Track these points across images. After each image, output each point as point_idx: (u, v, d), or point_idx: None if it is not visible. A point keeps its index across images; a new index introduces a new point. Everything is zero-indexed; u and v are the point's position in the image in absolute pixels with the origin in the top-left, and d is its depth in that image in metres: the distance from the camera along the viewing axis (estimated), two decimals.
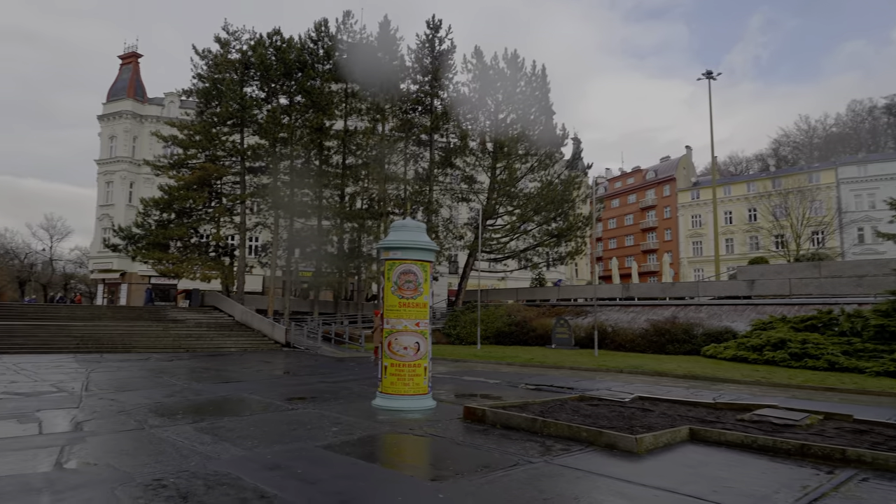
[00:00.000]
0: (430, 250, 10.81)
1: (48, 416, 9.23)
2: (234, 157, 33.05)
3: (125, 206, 48.61)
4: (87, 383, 13.33)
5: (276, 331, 27.05)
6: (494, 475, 6.06)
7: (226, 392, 12.37)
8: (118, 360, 19.85)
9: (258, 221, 35.71)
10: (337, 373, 16.78)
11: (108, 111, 50.42)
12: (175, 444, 7.39)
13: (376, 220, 34.64)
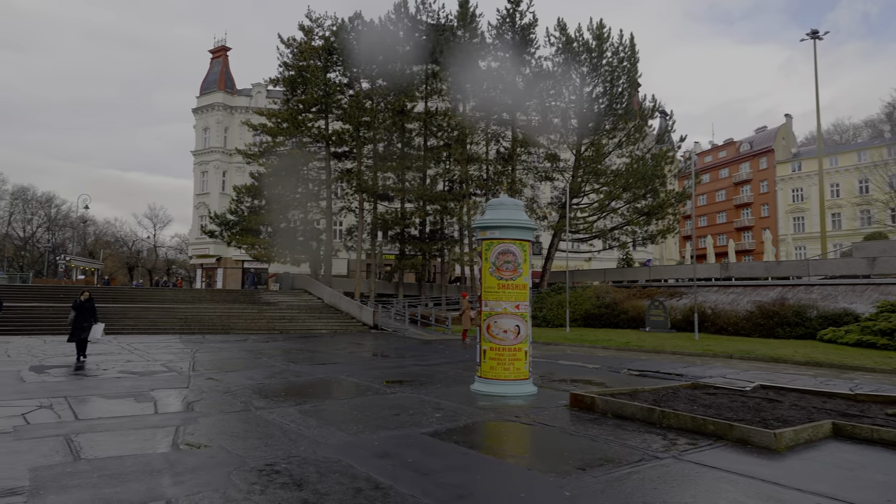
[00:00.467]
0: (529, 228, 10.27)
1: (161, 396, 9.53)
2: (318, 143, 33.66)
3: (219, 195, 50.95)
4: (194, 363, 13.85)
5: (363, 313, 27.45)
6: (620, 472, 5.53)
7: (323, 374, 12.46)
8: (219, 340, 20.71)
9: (343, 206, 36.32)
10: (428, 356, 16.65)
11: (202, 104, 52.87)
12: (282, 427, 7.35)
13: (458, 202, 34.33)
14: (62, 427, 7.18)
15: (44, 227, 77.03)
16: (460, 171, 34.37)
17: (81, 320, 13.61)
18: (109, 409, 8.48)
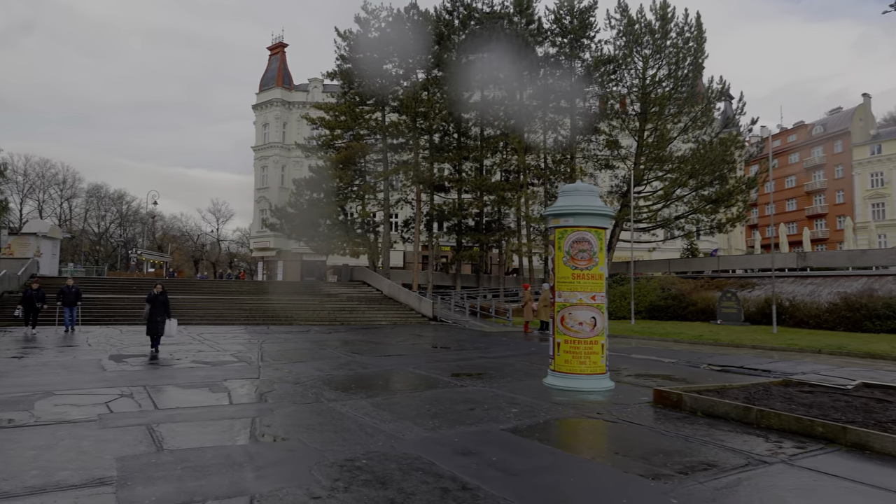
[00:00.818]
0: (606, 215, 9.75)
1: (234, 386, 9.58)
2: (375, 135, 33.75)
3: (278, 189, 52.07)
4: (262, 354, 14.01)
5: (422, 304, 27.37)
6: (727, 477, 5.05)
7: (390, 366, 12.33)
8: (283, 331, 21.02)
9: (399, 197, 36.36)
10: (492, 347, 16.33)
11: (261, 100, 54.09)
12: (356, 420, 7.19)
13: (515, 192, 33.77)
14: (143, 416, 7.24)
15: (116, 223, 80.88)
16: (518, 161, 33.76)
17: (155, 313, 13.92)
18: (186, 398, 8.55)
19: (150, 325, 13.67)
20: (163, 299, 13.92)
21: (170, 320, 13.80)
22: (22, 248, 32.67)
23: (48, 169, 73.72)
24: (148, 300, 13.89)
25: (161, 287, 14.41)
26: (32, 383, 9.48)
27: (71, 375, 10.37)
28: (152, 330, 13.65)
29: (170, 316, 13.93)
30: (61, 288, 18.42)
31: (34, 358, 12.60)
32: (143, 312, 13.85)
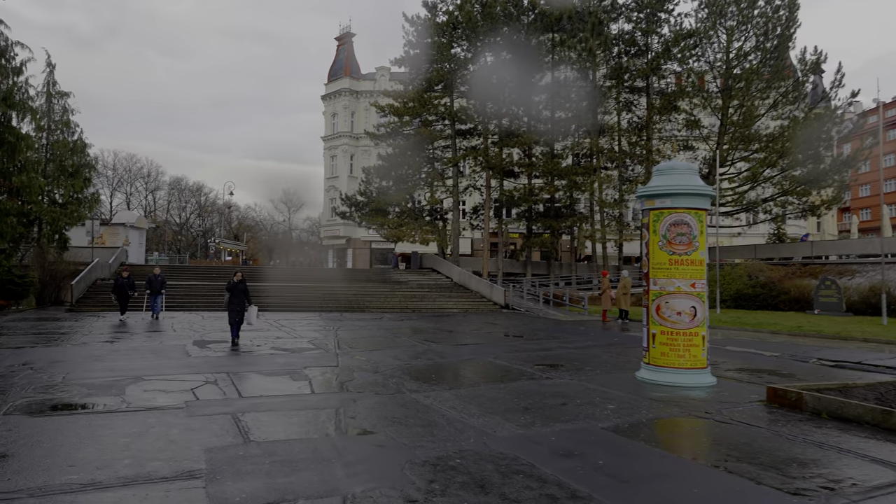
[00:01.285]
0: (706, 195, 8.92)
1: (314, 374, 9.44)
2: (444, 121, 33.35)
3: (347, 177, 52.75)
4: (338, 341, 13.95)
5: (494, 292, 26.89)
6: (887, 497, 4.31)
7: (468, 355, 11.93)
8: (356, 318, 21.09)
9: (468, 184, 35.89)
10: (572, 337, 15.65)
11: (329, 91, 54.83)
12: (442, 413, 6.82)
13: (588, 176, 32.59)
14: (228, 405, 7.15)
15: (195, 214, 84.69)
16: (590, 144, 32.53)
17: (235, 301, 14.01)
18: (268, 386, 8.46)
19: (231, 313, 13.52)
20: (242, 287, 13.67)
21: (250, 307, 13.46)
22: (112, 238, 34.53)
23: (134, 163, 78.01)
24: (228, 288, 13.65)
25: (240, 275, 14.11)
26: (123, 368, 9.68)
27: (158, 361, 10.57)
28: (233, 318, 13.51)
29: (250, 303, 13.60)
30: (148, 277, 18.87)
31: (125, 343, 13.02)
32: (224, 300, 13.70)
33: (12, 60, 21.54)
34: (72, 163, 30.59)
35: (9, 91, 21.16)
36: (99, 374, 9.01)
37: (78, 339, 13.42)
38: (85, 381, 8.48)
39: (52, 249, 28.72)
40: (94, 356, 10.96)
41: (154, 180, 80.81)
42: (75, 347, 12.15)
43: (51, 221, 29.12)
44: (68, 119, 30.99)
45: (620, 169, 34.38)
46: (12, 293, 22.22)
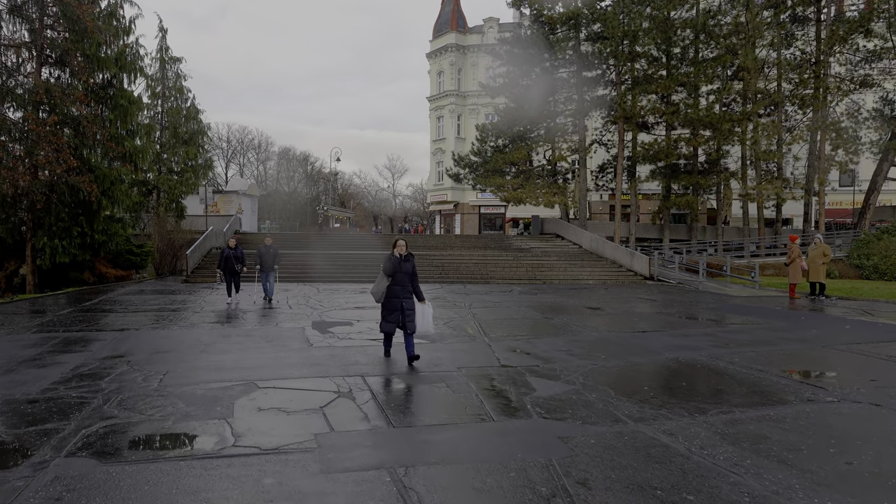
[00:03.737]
0: None
1: (478, 381, 6.81)
2: (570, 67, 29.51)
3: (454, 139, 50.15)
4: (479, 324, 11.37)
5: (635, 261, 23.30)
6: None
7: (662, 349, 8.85)
8: (484, 291, 18.53)
9: (592, 139, 31.98)
10: (776, 321, 12.04)
11: (435, 48, 52.02)
12: (720, 473, 3.94)
13: (737, 124, 27.64)
14: (379, 447, 4.68)
15: (303, 182, 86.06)
16: (745, 86, 27.48)
17: (400, 293, 8.61)
18: (422, 404, 5.97)
19: (390, 312, 7.71)
20: (409, 268, 7.72)
21: (422, 306, 7.77)
22: (226, 206, 34.25)
23: (246, 135, 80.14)
24: (387, 272, 7.57)
25: (404, 246, 7.80)
26: (233, 364, 7.60)
27: (275, 352, 8.45)
28: (393, 320, 7.73)
29: (420, 297, 7.79)
30: (259, 249, 14.58)
31: (236, 326, 11.16)
32: (377, 289, 7.65)
33: (122, 20, 20.44)
34: (185, 130, 30.15)
35: (120, 52, 20.12)
36: (203, 376, 6.93)
37: (187, 319, 11.77)
38: (185, 387, 6.39)
39: (170, 218, 28.53)
40: (201, 344, 9.05)
41: (264, 151, 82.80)
42: (183, 330, 10.40)
43: (168, 190, 28.88)
44: (181, 85, 30.51)
45: (778, 115, 29.05)
46: (132, 263, 21.71)
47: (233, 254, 14.06)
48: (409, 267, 7.66)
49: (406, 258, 7.63)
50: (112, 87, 19.82)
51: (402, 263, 7.56)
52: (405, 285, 7.63)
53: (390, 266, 7.50)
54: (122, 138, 19.32)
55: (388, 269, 7.50)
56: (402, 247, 7.65)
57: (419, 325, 7.66)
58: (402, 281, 7.60)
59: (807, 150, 29.27)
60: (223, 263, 14.04)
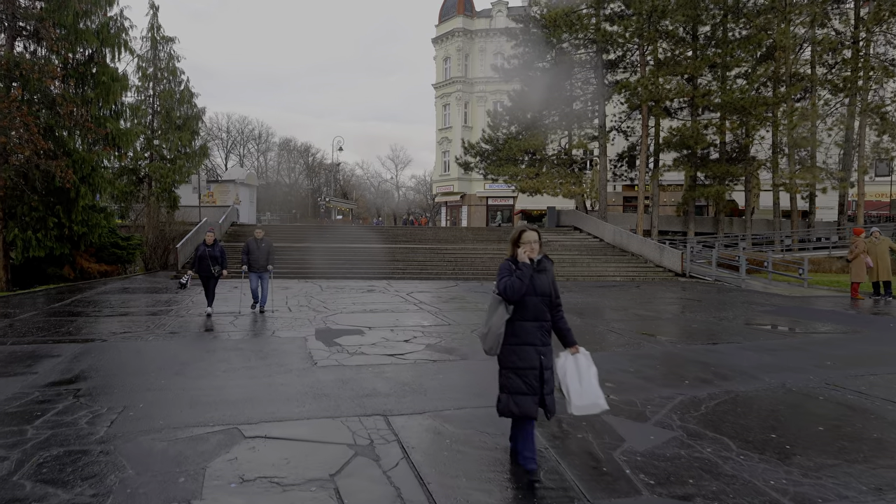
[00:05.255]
0: None
1: (555, 444, 5.01)
2: (588, 49, 27.54)
3: (461, 128, 48.21)
4: None
5: (665, 256, 21.48)
6: None
7: (756, 370, 7.01)
8: None
9: (611, 126, 30.07)
10: (883, 334, 10.21)
11: (441, 32, 49.99)
12: None
13: (771, 108, 25.70)
14: None
15: (304, 174, 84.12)
16: (778, 65, 25.52)
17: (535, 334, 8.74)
18: (476, 469, 4.16)
19: (522, 372, 3.95)
20: (546, 284, 4.01)
21: (575, 359, 4.02)
22: (223, 196, 32.41)
23: (246, 125, 78.17)
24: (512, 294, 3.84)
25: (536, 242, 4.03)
26: (214, 395, 5.80)
27: (268, 375, 6.65)
28: (538, 390, 4.04)
29: (568, 340, 4.08)
30: (246, 244, 11.58)
31: (223, 338, 9.34)
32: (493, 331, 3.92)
33: None
34: (179, 114, 28.26)
35: (102, 24, 18.23)
36: (171, 415, 5.13)
37: (168, 326, 9.97)
38: (141, 437, 4.58)
39: (163, 209, 26.72)
40: (177, 363, 7.25)
41: (265, 142, 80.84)
42: (159, 342, 8.60)
43: (160, 178, 27.04)
44: (174, 66, 28.57)
45: (812, 99, 27.13)
46: (117, 257, 19.90)
47: (209, 252, 10.87)
48: (547, 283, 3.99)
49: (541, 266, 3.99)
50: (94, 62, 17.93)
51: (537, 276, 3.94)
52: (543, 319, 3.96)
53: (518, 284, 3.80)
54: (105, 119, 17.46)
55: (514, 289, 3.80)
56: (533, 243, 3.93)
57: (577, 397, 3.93)
58: (539, 312, 3.93)
59: (837, 137, 27.37)
60: (197, 264, 10.97)
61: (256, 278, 11.45)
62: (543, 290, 3.93)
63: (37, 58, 16.83)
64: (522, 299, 3.84)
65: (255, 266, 11.39)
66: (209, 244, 10.97)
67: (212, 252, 10.90)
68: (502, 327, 3.86)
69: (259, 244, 11.47)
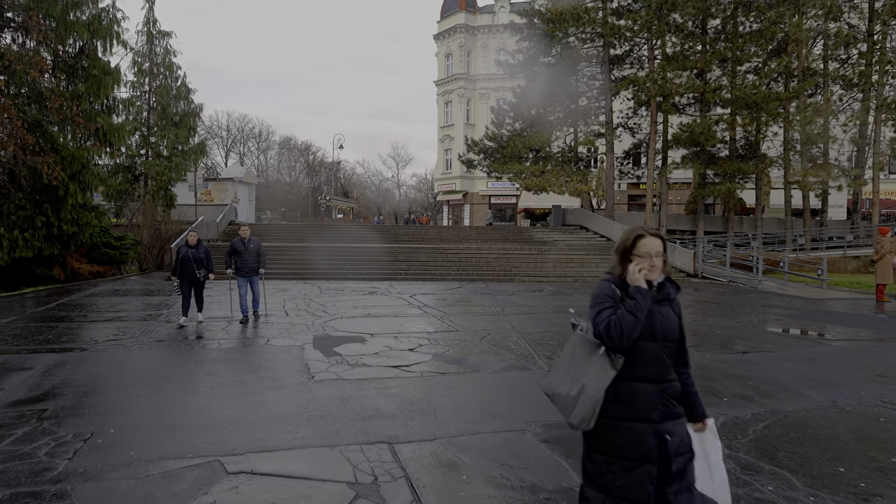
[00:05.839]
0: None
1: None
2: (595, 43, 26.83)
3: (463, 125, 47.55)
4: (527, 341, 8.89)
5: (676, 256, 20.81)
6: None
7: (826, 391, 6.31)
8: (510, 291, 16.05)
9: (618, 122, 29.36)
10: None
11: (443, 28, 49.29)
12: None
13: (781, 103, 24.97)
14: None
15: (304, 173, 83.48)
16: (790, 59, 24.80)
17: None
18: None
19: (629, 463, 2.44)
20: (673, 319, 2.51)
21: (703, 439, 2.60)
22: (221, 194, 31.72)
23: (246, 124, 77.51)
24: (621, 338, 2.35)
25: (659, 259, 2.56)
26: (196, 416, 5.14)
27: (259, 391, 5.97)
28: (648, 490, 2.49)
29: (699, 411, 2.60)
30: (232, 244, 10.31)
31: (212, 347, 8.67)
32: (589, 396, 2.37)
33: None
34: (175, 110, 27.58)
35: (94, 16, 17.56)
36: (144, 444, 4.46)
37: (155, 332, 9.30)
38: (105, 475, 3.91)
39: (159, 208, 26.06)
40: (159, 377, 6.59)
41: (265, 140, 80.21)
42: (143, 351, 7.93)
43: (156, 176, 26.38)
44: (171, 61, 27.87)
45: (825, 94, 26.42)
46: (110, 258, 19.23)
47: (192, 254, 9.79)
48: (674, 320, 2.53)
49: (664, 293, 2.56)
50: (84, 55, 17.25)
51: (657, 310, 2.50)
52: (666, 379, 2.49)
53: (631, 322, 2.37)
54: (95, 114, 16.79)
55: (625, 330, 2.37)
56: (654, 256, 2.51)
57: (704, 486, 2.54)
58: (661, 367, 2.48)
59: (851, 134, 26.66)
60: (179, 268, 9.85)
61: (246, 283, 10.20)
62: (668, 331, 2.46)
63: (25, 50, 16.15)
64: (635, 345, 2.40)
65: (244, 269, 10.16)
66: (192, 245, 9.91)
67: (195, 254, 9.84)
68: (601, 390, 2.38)
69: (247, 244, 10.21)
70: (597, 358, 2.42)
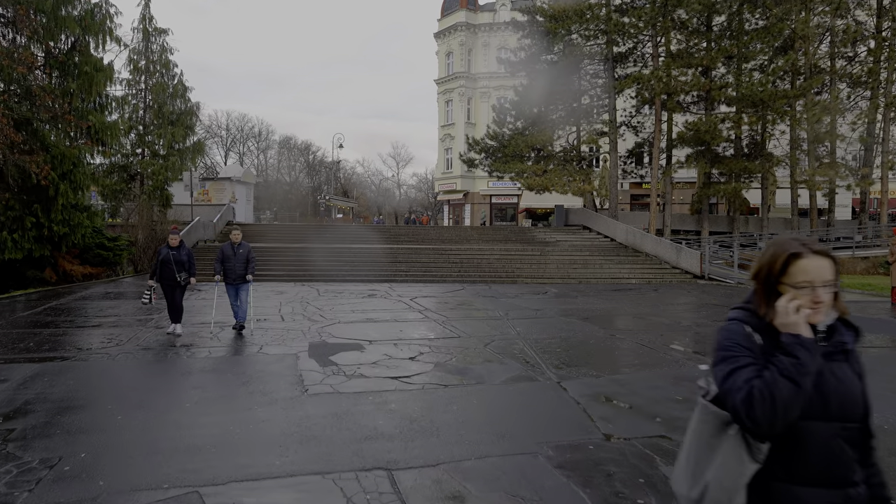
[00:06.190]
0: None
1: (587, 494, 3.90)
2: (598, 40, 26.37)
3: (464, 124, 47.10)
4: (532, 347, 8.45)
5: (682, 257, 20.37)
6: None
7: (878, 415, 5.92)
8: (513, 294, 15.63)
9: (621, 121, 28.91)
10: None
11: (443, 27, 48.83)
12: None
13: (788, 101, 24.51)
14: None
15: (304, 172, 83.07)
16: (796, 56, 24.35)
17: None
18: None
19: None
20: (857, 384, 1.64)
21: None
22: (219, 194, 31.30)
23: (246, 123, 77.09)
24: (775, 419, 1.50)
25: (828, 296, 1.70)
26: (176, 438, 4.71)
27: (247, 408, 5.54)
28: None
29: None
30: (221, 249, 9.64)
31: (200, 355, 8.25)
32: (710, 488, 1.58)
33: None
34: (172, 109, 27.16)
35: (87, 12, 17.13)
36: (117, 472, 4.02)
37: (142, 338, 8.88)
38: None
39: (155, 208, 25.64)
40: (143, 391, 6.17)
41: (265, 140, 79.81)
42: (127, 360, 7.50)
43: (152, 175, 25.97)
44: (167, 59, 27.46)
45: (832, 92, 25.98)
46: (103, 259, 18.81)
47: (173, 256, 8.95)
48: (857, 385, 1.63)
49: (837, 343, 1.66)
50: (76, 51, 16.82)
51: (829, 369, 1.60)
52: (847, 482, 1.57)
53: (790, 391, 1.48)
54: (87, 112, 16.36)
55: (781, 404, 1.48)
56: (818, 287, 1.61)
57: None
58: (839, 461, 1.56)
59: (859, 132, 26.21)
60: (158, 271, 9.08)
61: (234, 291, 9.47)
62: (848, 403, 1.60)
63: (15, 45, 15.72)
64: (795, 427, 1.54)
65: (231, 276, 9.41)
66: (173, 247, 9.07)
67: (177, 256, 8.99)
68: (735, 494, 1.56)
69: (236, 250, 9.48)
70: (729, 441, 1.55)
